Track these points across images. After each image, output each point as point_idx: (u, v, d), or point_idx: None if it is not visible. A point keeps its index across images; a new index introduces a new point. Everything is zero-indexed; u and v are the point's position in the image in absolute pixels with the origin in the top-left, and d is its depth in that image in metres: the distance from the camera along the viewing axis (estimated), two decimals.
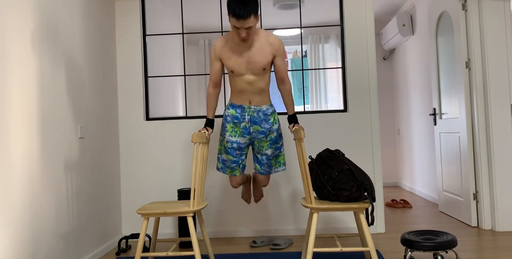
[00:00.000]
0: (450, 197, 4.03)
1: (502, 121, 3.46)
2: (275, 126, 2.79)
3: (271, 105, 2.82)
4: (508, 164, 3.44)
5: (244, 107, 2.75)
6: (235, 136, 2.75)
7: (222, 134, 2.80)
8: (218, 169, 2.86)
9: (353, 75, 3.56)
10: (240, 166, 2.79)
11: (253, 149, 2.85)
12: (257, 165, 2.83)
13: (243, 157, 2.80)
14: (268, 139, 2.77)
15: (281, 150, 2.85)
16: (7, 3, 2.16)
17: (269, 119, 2.77)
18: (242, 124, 2.75)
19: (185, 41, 3.81)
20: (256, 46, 2.65)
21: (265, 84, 2.75)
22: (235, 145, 2.75)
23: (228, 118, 2.77)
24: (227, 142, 2.76)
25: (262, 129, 2.74)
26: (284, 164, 2.88)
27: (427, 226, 3.69)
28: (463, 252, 2.90)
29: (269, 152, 2.78)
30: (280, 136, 2.83)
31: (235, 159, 2.76)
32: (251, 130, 2.75)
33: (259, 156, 2.81)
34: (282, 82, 2.80)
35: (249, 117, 2.74)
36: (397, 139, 6.44)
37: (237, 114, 2.75)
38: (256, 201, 3.12)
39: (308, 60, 4.73)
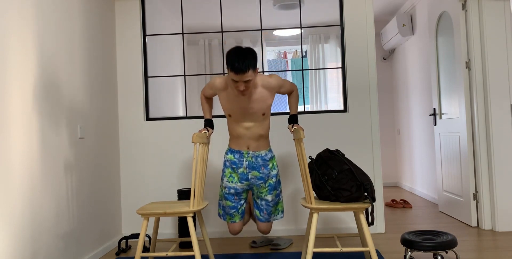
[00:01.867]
0: (450, 197, 4.03)
1: (502, 121, 3.46)
2: (274, 172, 2.75)
3: (270, 150, 2.78)
4: (508, 164, 3.44)
5: (243, 153, 2.72)
6: (232, 181, 2.72)
7: (222, 179, 2.77)
8: (219, 215, 2.82)
9: (353, 75, 3.56)
10: (239, 211, 2.74)
11: (252, 194, 2.81)
12: (256, 211, 2.79)
13: (242, 202, 2.75)
14: (267, 185, 2.73)
15: (280, 197, 2.81)
16: (7, 3, 2.16)
17: (268, 165, 2.73)
18: (240, 170, 2.71)
19: (185, 41, 3.81)
20: (255, 96, 2.62)
21: (264, 131, 2.72)
22: (232, 190, 2.71)
23: (227, 163, 2.75)
24: (225, 187, 2.73)
25: (261, 175, 2.71)
26: (283, 211, 2.84)
27: (427, 226, 3.69)
28: (463, 252, 2.90)
29: (269, 198, 2.74)
30: (279, 182, 2.78)
31: (233, 204, 2.73)
32: (249, 176, 2.71)
33: (258, 201, 2.76)
34: (291, 93, 2.84)
35: (247, 162, 2.71)
36: (397, 139, 6.44)
37: (235, 159, 2.72)
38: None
39: (308, 60, 4.73)
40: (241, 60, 2.41)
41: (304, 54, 4.71)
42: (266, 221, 2.78)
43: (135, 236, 3.21)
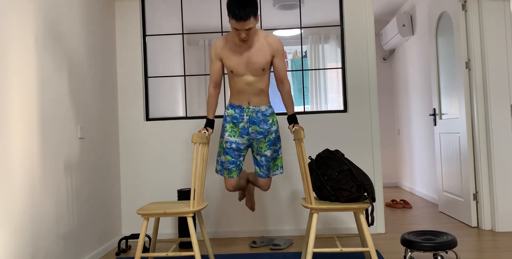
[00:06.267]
0: (450, 197, 4.03)
1: (502, 121, 3.46)
2: (274, 128, 2.79)
3: (270, 106, 2.83)
4: (508, 164, 3.44)
5: (243, 108, 2.76)
6: (234, 136, 2.76)
7: (222, 135, 2.81)
8: (216, 171, 2.86)
9: (353, 75, 3.56)
10: (238, 167, 2.79)
11: (252, 151, 2.86)
12: (256, 167, 2.83)
13: (241, 158, 2.80)
14: (266, 140, 2.77)
15: (279, 152, 2.86)
16: (8, 4, 2.16)
17: (268, 120, 2.78)
18: (241, 124, 2.76)
19: (185, 41, 3.81)
20: (256, 47, 2.67)
21: (265, 85, 2.77)
22: (234, 145, 2.76)
23: (228, 118, 2.79)
24: (226, 142, 2.77)
25: (261, 130, 2.75)
26: (282, 167, 2.89)
27: (427, 227, 3.69)
28: (463, 252, 2.90)
29: (268, 153, 2.79)
30: (278, 138, 2.83)
31: (233, 159, 2.76)
32: (250, 131, 2.76)
33: (258, 157, 2.81)
34: (281, 83, 2.81)
35: (248, 117, 2.75)
36: (397, 139, 6.44)
37: (236, 114, 2.76)
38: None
39: (308, 61, 4.73)
40: (242, 7, 2.44)
41: (304, 54, 4.70)
42: (266, 177, 2.84)
43: (135, 236, 3.21)
